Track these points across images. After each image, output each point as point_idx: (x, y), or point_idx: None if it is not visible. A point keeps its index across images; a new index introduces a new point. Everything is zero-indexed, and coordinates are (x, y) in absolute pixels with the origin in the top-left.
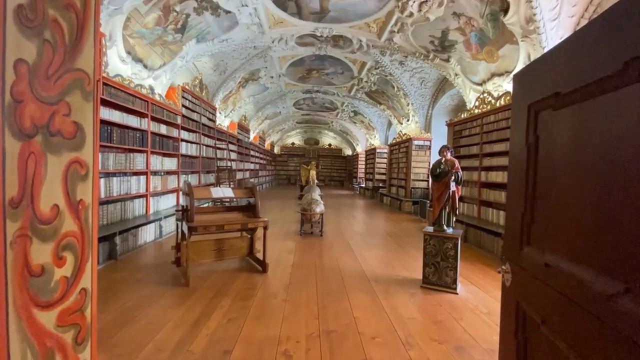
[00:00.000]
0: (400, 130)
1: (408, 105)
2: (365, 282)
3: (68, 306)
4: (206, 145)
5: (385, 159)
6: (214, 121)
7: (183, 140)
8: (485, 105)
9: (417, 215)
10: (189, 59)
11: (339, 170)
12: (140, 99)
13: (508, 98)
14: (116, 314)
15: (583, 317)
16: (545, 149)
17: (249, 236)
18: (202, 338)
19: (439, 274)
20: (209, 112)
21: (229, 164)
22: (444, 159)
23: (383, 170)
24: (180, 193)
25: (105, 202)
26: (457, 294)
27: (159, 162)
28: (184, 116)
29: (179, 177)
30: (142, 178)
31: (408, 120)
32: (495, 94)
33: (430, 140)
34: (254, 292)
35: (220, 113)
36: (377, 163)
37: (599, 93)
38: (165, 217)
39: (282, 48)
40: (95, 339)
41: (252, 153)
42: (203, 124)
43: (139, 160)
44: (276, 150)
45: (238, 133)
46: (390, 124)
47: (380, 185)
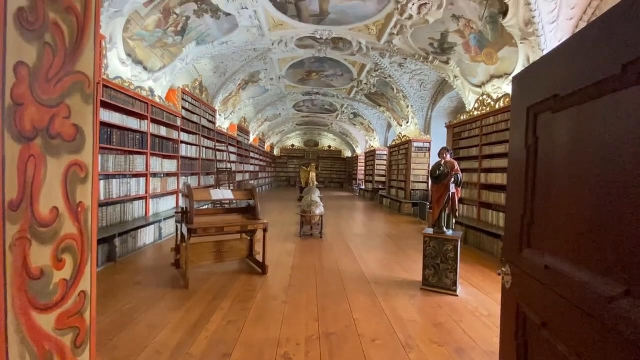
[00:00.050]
0: (400, 132)
1: (407, 107)
2: (365, 284)
3: (67, 309)
4: (206, 147)
5: (385, 160)
6: (214, 123)
7: (183, 142)
8: (484, 107)
9: (417, 217)
10: (189, 61)
11: (339, 172)
12: (140, 101)
13: (507, 100)
14: (115, 316)
15: (583, 320)
16: (545, 151)
17: (249, 238)
18: (202, 340)
19: (439, 276)
20: (209, 114)
21: (229, 166)
22: (443, 161)
23: (383, 172)
24: (180, 195)
25: (104, 204)
26: (457, 296)
27: (158, 164)
28: (184, 118)
29: (178, 179)
30: (142, 180)
31: (408, 122)
32: (494, 96)
33: (429, 142)
34: (254, 294)
35: (220, 115)
36: (377, 165)
37: (598, 95)
38: (165, 219)
39: (282, 50)
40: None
41: (252, 155)
42: (203, 126)
43: (138, 162)
44: (276, 152)
45: (238, 135)
46: (389, 126)
47: (380, 187)
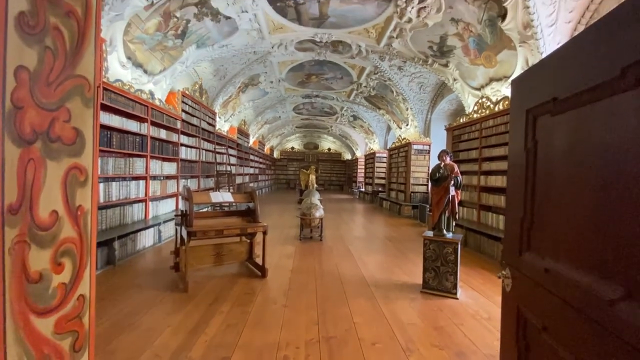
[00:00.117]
0: (400, 135)
1: (407, 109)
2: (365, 287)
3: (66, 313)
4: (206, 150)
5: (385, 163)
6: (213, 126)
7: (182, 144)
8: (483, 110)
9: (417, 220)
10: (189, 64)
11: (339, 175)
12: (140, 104)
13: (506, 103)
14: (114, 320)
15: (584, 323)
16: (544, 154)
17: (248, 241)
18: (201, 344)
19: (439, 279)
20: (209, 117)
21: (229, 168)
22: (443, 163)
23: (382, 175)
24: (180, 198)
25: (104, 207)
26: (458, 299)
27: (158, 167)
28: (183, 121)
29: (178, 182)
30: (142, 183)
31: (407, 125)
32: (493, 99)
33: (429, 145)
34: (253, 298)
35: (219, 118)
36: (377, 167)
37: (597, 99)
38: (164, 222)
39: (282, 53)
40: (93, 346)
41: (252, 157)
42: (203, 129)
43: (138, 165)
44: (276, 154)
45: (237, 137)
46: (389, 128)
47: (379, 189)
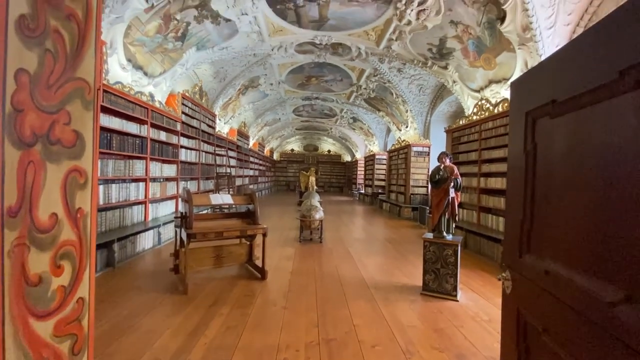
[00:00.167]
0: (399, 137)
1: (407, 111)
2: (365, 289)
3: (65, 316)
4: (205, 152)
5: (385, 165)
6: (213, 128)
7: (182, 146)
8: (483, 112)
9: (417, 222)
10: (189, 67)
11: (338, 177)
12: (140, 106)
13: (506, 105)
14: (113, 322)
15: (584, 326)
16: (544, 156)
17: (248, 243)
18: (201, 347)
19: (439, 281)
20: (209, 119)
21: (229, 170)
22: (442, 165)
23: (382, 177)
24: (179, 200)
25: (103, 209)
26: (458, 301)
27: (158, 169)
28: (183, 123)
29: (178, 184)
30: (141, 185)
31: (407, 127)
32: (493, 101)
33: (429, 147)
34: (253, 300)
35: (219, 120)
36: (377, 169)
37: (596, 101)
38: (164, 224)
39: (282, 55)
40: (92, 349)
41: (252, 159)
42: (203, 131)
43: (138, 167)
44: (275, 156)
45: (237, 139)
46: (389, 130)
47: (379, 191)
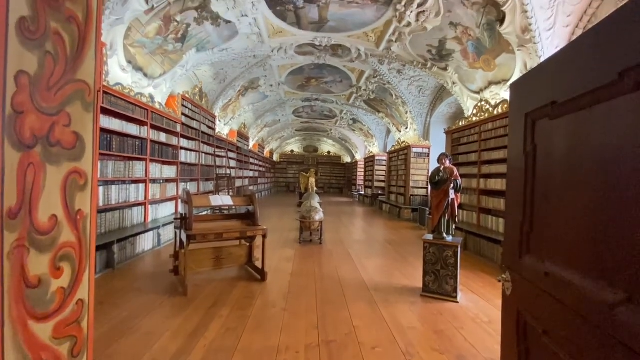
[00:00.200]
0: (399, 138)
1: (406, 113)
2: (364, 291)
3: (64, 318)
4: (205, 153)
5: (384, 166)
6: (213, 129)
7: (182, 148)
8: (483, 113)
9: (417, 223)
10: (189, 68)
11: (338, 178)
12: (140, 108)
13: (505, 106)
14: (113, 324)
15: (585, 327)
16: (543, 158)
17: (248, 244)
18: (200, 349)
19: (439, 283)
20: (209, 120)
21: (228, 171)
22: (442, 166)
23: (382, 178)
24: (179, 201)
25: (103, 211)
26: (458, 302)
27: (158, 170)
28: (183, 124)
29: (178, 185)
30: (141, 186)
31: (407, 128)
32: (492, 102)
33: (428, 148)
34: (253, 302)
35: (219, 121)
36: (376, 170)
37: (595, 102)
38: (164, 225)
39: (282, 57)
40: (91, 351)
41: (252, 161)
42: (202, 132)
43: (138, 168)
44: (275, 157)
45: (237, 141)
46: (389, 131)
47: (379, 192)
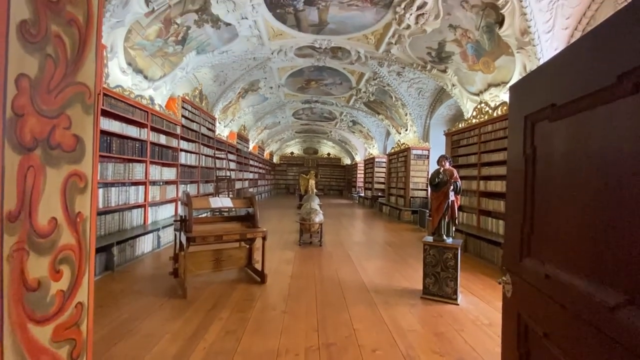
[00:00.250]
0: (399, 140)
1: (406, 115)
2: (365, 293)
3: (64, 321)
4: (205, 155)
5: (384, 168)
6: (213, 131)
7: (182, 150)
8: (482, 115)
9: (417, 225)
10: (189, 70)
11: (338, 180)
12: (140, 110)
13: (505, 108)
14: (112, 326)
15: (585, 330)
16: (543, 160)
17: (248, 246)
18: (200, 351)
19: (439, 285)
20: (209, 122)
21: (228, 173)
22: (442, 168)
23: (382, 180)
24: (179, 203)
25: (103, 213)
26: (458, 304)
27: (157, 172)
28: (183, 126)
29: (177, 187)
30: (141, 188)
31: (406, 130)
32: (492, 104)
33: (428, 150)
34: (253, 304)
35: (219, 123)
36: (376, 172)
37: (594, 105)
38: (164, 228)
39: (282, 59)
40: (90, 354)
41: (251, 162)
42: (202, 134)
43: (137, 170)
44: (275, 159)
45: (237, 143)
46: (388, 133)
47: (379, 194)
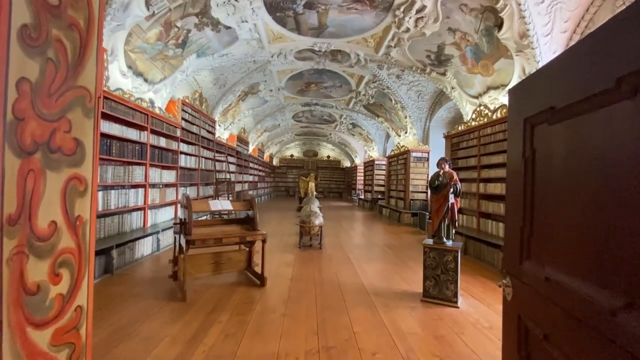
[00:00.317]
0: (398, 142)
1: (406, 117)
2: (365, 296)
3: (63, 325)
4: (205, 158)
5: (384, 170)
6: (213, 134)
7: (182, 152)
8: (482, 118)
9: (417, 227)
10: (189, 73)
11: (338, 182)
12: (140, 112)
13: (504, 111)
14: (111, 330)
15: (585, 333)
16: (542, 163)
17: (247, 249)
18: (199, 355)
19: (439, 287)
20: (209, 125)
21: (228, 176)
22: (442, 171)
23: (382, 182)
24: (179, 206)
25: (102, 215)
26: (458, 307)
27: (157, 175)
28: (183, 129)
29: (177, 190)
30: (141, 191)
31: (406, 133)
32: (491, 107)
33: (428, 152)
34: (252, 307)
35: (219, 126)
36: (376, 175)
37: (593, 108)
38: (163, 230)
39: (281, 62)
40: (89, 358)
41: (251, 165)
42: (202, 137)
43: (137, 173)
44: (275, 162)
45: (237, 145)
46: (388, 136)
47: (379, 197)
